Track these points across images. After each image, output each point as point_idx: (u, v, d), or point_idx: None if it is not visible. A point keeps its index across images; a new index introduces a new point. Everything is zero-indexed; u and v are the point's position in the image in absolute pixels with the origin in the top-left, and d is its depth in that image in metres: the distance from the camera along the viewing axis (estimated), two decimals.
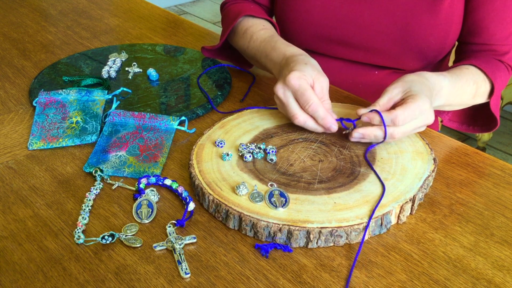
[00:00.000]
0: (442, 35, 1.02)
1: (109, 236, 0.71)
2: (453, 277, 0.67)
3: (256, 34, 1.02)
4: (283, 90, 0.86)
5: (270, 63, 0.97)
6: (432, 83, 0.88)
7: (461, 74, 0.96)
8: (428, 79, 0.88)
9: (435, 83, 0.89)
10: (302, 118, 0.85)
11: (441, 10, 0.99)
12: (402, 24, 1.01)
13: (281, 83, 0.86)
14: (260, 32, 1.02)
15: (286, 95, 0.85)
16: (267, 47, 0.98)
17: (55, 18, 1.40)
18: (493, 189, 0.82)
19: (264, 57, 0.99)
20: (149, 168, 0.84)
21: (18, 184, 0.81)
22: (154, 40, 1.29)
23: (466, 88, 0.97)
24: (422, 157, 0.83)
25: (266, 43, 0.99)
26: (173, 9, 3.99)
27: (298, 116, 0.85)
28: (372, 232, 0.73)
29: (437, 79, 0.90)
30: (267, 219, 0.71)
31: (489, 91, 1.01)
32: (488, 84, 1.00)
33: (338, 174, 0.80)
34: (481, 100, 1.02)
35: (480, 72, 0.99)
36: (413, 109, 0.81)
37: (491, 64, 1.01)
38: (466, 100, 0.99)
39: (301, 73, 0.85)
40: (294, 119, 0.85)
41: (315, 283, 0.66)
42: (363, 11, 1.04)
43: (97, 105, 0.97)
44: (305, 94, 0.84)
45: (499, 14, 1.00)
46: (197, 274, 0.67)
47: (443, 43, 1.03)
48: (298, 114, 0.85)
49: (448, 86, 0.92)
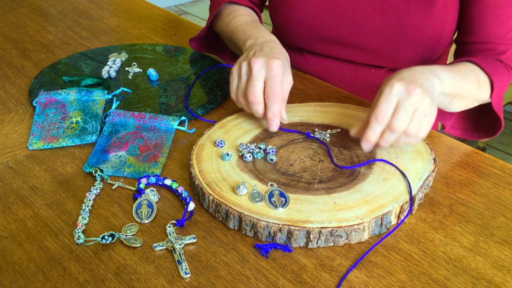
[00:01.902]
0: (436, 34, 1.02)
1: (109, 236, 0.71)
2: (453, 277, 0.67)
3: (239, 16, 1.03)
4: (260, 67, 0.84)
5: (245, 36, 0.96)
6: (419, 67, 0.84)
7: (455, 65, 0.93)
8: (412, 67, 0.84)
9: (427, 68, 0.85)
10: (258, 97, 0.85)
11: (435, 9, 0.99)
12: (395, 23, 1.01)
13: (262, 59, 0.85)
14: (244, 16, 1.03)
15: (260, 73, 0.84)
16: (248, 26, 0.99)
17: (55, 18, 1.40)
18: (493, 189, 0.82)
19: (241, 32, 0.98)
20: (149, 168, 0.84)
21: (18, 184, 0.81)
22: (154, 40, 1.29)
23: (466, 74, 0.91)
24: (422, 157, 0.83)
25: (248, 24, 1.00)
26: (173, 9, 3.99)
27: (256, 95, 0.84)
28: (372, 232, 0.73)
29: (429, 66, 0.86)
30: (267, 219, 0.71)
31: (489, 84, 0.96)
32: (486, 77, 0.95)
33: (338, 174, 0.80)
34: (486, 92, 0.95)
35: (476, 66, 0.95)
36: (379, 98, 0.77)
37: (490, 61, 0.98)
38: (473, 90, 0.93)
39: (283, 66, 0.85)
40: (250, 95, 0.85)
41: (315, 283, 0.66)
42: (357, 11, 1.04)
43: (97, 105, 0.97)
44: (277, 83, 0.84)
45: (494, 10, 0.98)
46: (197, 274, 0.67)
47: (437, 42, 1.03)
48: (258, 93, 0.84)
49: (445, 72, 0.87)
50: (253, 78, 0.85)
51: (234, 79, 0.88)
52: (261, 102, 0.85)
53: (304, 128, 0.90)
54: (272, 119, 0.85)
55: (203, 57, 1.17)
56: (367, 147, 0.79)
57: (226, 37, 1.06)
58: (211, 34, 1.14)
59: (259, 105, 0.85)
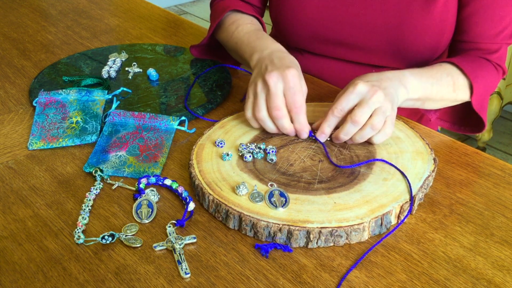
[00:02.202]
0: (436, 34, 1.02)
1: (109, 236, 0.71)
2: (453, 277, 0.67)
3: (242, 26, 1.02)
4: (276, 80, 0.84)
5: (250, 49, 0.95)
6: (388, 73, 0.88)
7: (430, 69, 0.94)
8: (382, 72, 0.88)
9: (395, 74, 0.88)
10: (283, 111, 0.84)
11: (435, 10, 0.99)
12: (396, 23, 1.01)
13: (276, 72, 0.84)
14: (247, 25, 1.03)
15: (277, 86, 0.84)
16: (252, 37, 0.98)
17: (55, 18, 1.40)
18: (493, 189, 0.82)
19: (245, 44, 0.97)
20: (149, 168, 0.84)
21: (18, 184, 0.81)
22: (154, 40, 1.29)
23: (440, 78, 0.94)
24: (422, 157, 0.83)
25: (252, 34, 0.99)
26: (173, 9, 3.99)
27: (280, 109, 0.84)
28: (372, 232, 0.73)
29: (394, 71, 0.90)
30: (267, 219, 0.71)
31: (468, 86, 0.97)
32: (465, 79, 0.97)
33: (338, 174, 0.80)
34: (464, 94, 0.98)
35: (455, 68, 0.96)
36: (342, 94, 0.83)
37: (473, 62, 0.99)
38: (447, 93, 0.96)
39: (299, 74, 0.85)
40: (274, 111, 0.84)
41: (315, 283, 0.66)
42: (358, 11, 1.04)
43: (97, 105, 0.97)
44: (297, 94, 0.84)
45: (488, 11, 0.98)
46: (197, 274, 0.67)
47: (438, 42, 1.03)
48: (281, 107, 0.84)
49: (414, 78, 0.90)
50: (272, 93, 0.84)
51: (250, 98, 0.87)
52: (287, 115, 0.85)
53: None
54: (301, 129, 0.85)
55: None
56: (322, 138, 0.86)
57: (230, 47, 1.05)
58: (212, 42, 1.13)
59: (285, 119, 0.85)
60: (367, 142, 0.86)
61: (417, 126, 0.97)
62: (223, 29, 1.07)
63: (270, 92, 0.84)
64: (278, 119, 0.85)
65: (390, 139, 0.87)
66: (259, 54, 0.92)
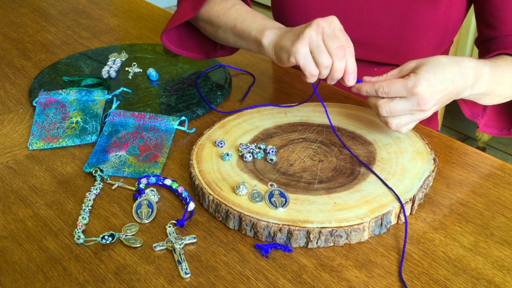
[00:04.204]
0: (440, 30, 1.01)
1: (109, 236, 0.71)
2: (453, 277, 0.67)
3: (239, 4, 0.97)
4: (329, 23, 0.80)
5: (259, 26, 0.89)
6: (467, 69, 0.82)
7: (498, 61, 0.89)
8: (464, 66, 0.82)
9: (473, 69, 0.83)
10: (343, 53, 0.79)
11: (440, 5, 0.99)
12: (400, 19, 1.01)
13: (323, 19, 0.80)
14: (244, 5, 0.97)
15: (331, 27, 0.80)
16: (258, 16, 0.92)
17: (55, 18, 1.40)
18: (493, 189, 0.82)
19: (251, 21, 0.91)
20: (149, 168, 0.84)
21: (18, 184, 0.81)
22: (154, 40, 1.29)
23: (506, 74, 0.88)
24: (422, 157, 0.83)
25: (255, 13, 0.93)
26: (173, 9, 3.99)
27: (344, 48, 0.79)
28: (372, 232, 0.73)
29: (477, 66, 0.84)
30: (267, 219, 0.71)
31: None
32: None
33: (338, 174, 0.80)
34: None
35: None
36: (399, 85, 0.78)
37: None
38: (506, 89, 0.90)
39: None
40: (340, 50, 0.79)
41: (315, 283, 0.66)
42: (361, 7, 1.03)
43: (97, 105, 0.97)
44: (347, 35, 0.81)
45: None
46: (197, 274, 0.67)
47: (442, 39, 1.03)
48: (344, 46, 0.79)
49: (489, 73, 0.85)
50: (331, 35, 0.79)
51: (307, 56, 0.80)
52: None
53: (304, 128, 0.90)
54: (353, 71, 0.81)
55: None
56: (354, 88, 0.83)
57: (221, 23, 0.97)
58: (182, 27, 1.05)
59: (344, 61, 0.81)
60: (367, 142, 0.86)
61: (417, 126, 0.97)
62: (212, 4, 0.99)
63: (329, 34, 0.80)
64: (342, 59, 0.80)
65: (390, 139, 0.87)
66: (276, 30, 0.87)
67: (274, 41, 0.86)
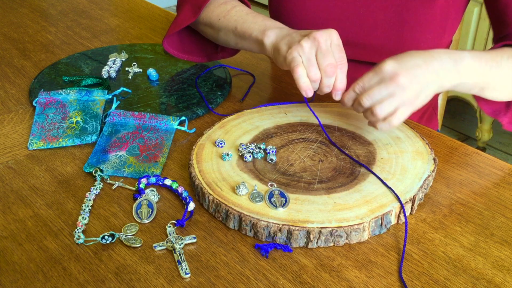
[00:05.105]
0: (438, 30, 1.01)
1: (109, 236, 0.71)
2: (453, 277, 0.67)
3: (239, 6, 0.97)
4: (326, 38, 0.81)
5: (261, 27, 0.90)
6: (440, 53, 0.81)
7: (490, 51, 0.86)
8: (435, 51, 0.81)
9: (446, 54, 0.81)
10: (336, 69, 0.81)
11: (436, 5, 0.99)
12: (397, 19, 1.01)
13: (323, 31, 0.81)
14: (243, 6, 0.98)
15: (327, 43, 0.81)
16: (258, 16, 0.93)
17: (55, 18, 1.40)
18: (493, 189, 0.82)
19: (252, 22, 0.92)
20: (149, 168, 0.84)
21: (18, 184, 0.81)
22: (154, 40, 1.29)
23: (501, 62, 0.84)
24: (422, 157, 0.83)
25: (255, 14, 0.94)
26: (173, 9, 3.99)
27: (335, 66, 0.81)
28: (372, 232, 0.73)
29: (451, 51, 0.82)
30: (267, 219, 0.71)
31: None
32: None
33: (338, 174, 0.80)
34: None
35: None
36: (370, 74, 0.79)
37: None
38: (510, 80, 0.86)
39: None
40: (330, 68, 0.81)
41: (315, 283, 0.66)
42: (358, 8, 1.03)
43: (97, 105, 0.97)
44: (342, 51, 0.82)
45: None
46: (197, 274, 0.67)
47: (439, 39, 1.03)
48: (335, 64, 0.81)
49: (471, 57, 0.82)
50: (325, 51, 0.81)
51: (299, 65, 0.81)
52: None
53: (304, 128, 0.91)
54: (343, 88, 0.83)
55: None
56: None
57: (223, 26, 0.97)
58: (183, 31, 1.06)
59: (334, 77, 0.82)
60: (367, 142, 0.86)
61: (417, 126, 0.97)
62: (212, 7, 0.99)
63: (323, 49, 0.81)
64: (331, 76, 0.82)
65: (390, 139, 0.87)
66: (277, 30, 0.88)
67: (274, 41, 0.88)
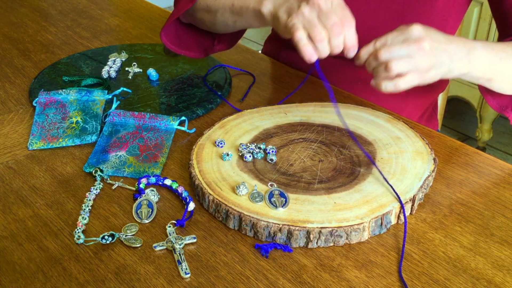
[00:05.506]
0: (439, 28, 1.01)
1: (109, 236, 0.71)
2: (453, 277, 0.67)
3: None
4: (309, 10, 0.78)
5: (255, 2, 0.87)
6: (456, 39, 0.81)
7: (501, 42, 0.86)
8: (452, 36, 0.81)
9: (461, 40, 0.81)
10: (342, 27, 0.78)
11: (437, 5, 0.99)
12: (398, 18, 1.01)
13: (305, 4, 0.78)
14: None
15: (327, 3, 0.79)
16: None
17: (55, 18, 1.40)
18: (493, 189, 0.82)
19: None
20: (149, 168, 0.84)
21: (18, 184, 0.81)
22: (154, 40, 1.29)
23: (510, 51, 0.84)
24: (422, 157, 0.83)
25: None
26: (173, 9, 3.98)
27: (339, 24, 0.78)
28: (372, 232, 0.73)
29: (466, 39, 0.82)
30: (267, 219, 0.71)
31: None
32: None
33: (338, 174, 0.80)
34: None
35: None
36: (395, 32, 0.78)
37: None
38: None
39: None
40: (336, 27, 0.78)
41: (315, 283, 0.66)
42: (359, 6, 1.03)
43: (97, 105, 0.97)
44: (345, 9, 0.79)
45: None
46: (197, 274, 0.67)
47: None
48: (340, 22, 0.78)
49: (482, 47, 0.82)
50: (327, 10, 0.77)
51: (299, 30, 0.79)
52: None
53: (304, 128, 0.91)
54: (354, 45, 0.81)
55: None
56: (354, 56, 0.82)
57: (219, 7, 0.95)
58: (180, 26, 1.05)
59: (342, 35, 0.80)
60: (367, 142, 0.86)
61: (417, 126, 0.97)
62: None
63: (324, 11, 0.78)
64: (338, 35, 0.79)
65: (390, 139, 0.87)
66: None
67: (272, 9, 0.85)
